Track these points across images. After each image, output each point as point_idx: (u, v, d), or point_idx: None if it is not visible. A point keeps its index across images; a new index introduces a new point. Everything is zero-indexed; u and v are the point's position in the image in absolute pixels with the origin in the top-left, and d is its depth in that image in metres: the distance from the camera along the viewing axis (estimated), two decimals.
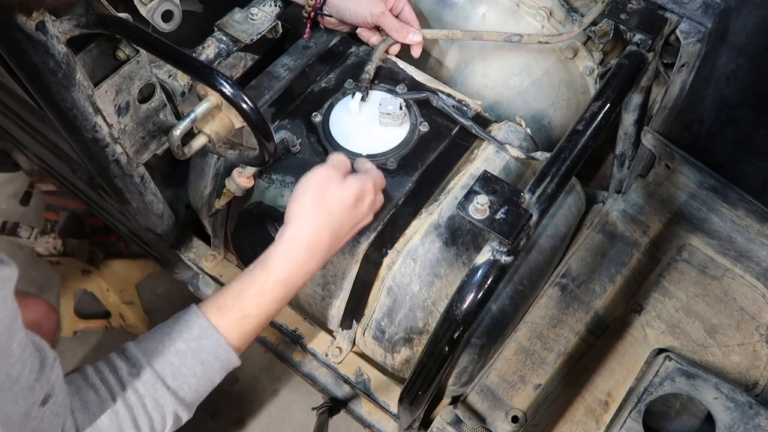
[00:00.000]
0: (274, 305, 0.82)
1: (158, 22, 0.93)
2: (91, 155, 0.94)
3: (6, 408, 0.55)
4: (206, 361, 0.77)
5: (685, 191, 1.29)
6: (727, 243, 1.27)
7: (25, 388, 0.57)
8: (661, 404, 1.12)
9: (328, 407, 1.25)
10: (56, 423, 0.63)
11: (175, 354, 0.76)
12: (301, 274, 0.84)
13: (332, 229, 0.86)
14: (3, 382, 0.54)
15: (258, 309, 0.81)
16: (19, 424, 0.57)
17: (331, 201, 0.86)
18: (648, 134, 1.20)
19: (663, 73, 1.21)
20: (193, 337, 0.77)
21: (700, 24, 1.02)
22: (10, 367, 0.55)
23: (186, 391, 0.76)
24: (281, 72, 1.20)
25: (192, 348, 0.77)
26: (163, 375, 0.75)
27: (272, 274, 0.82)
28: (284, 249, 0.83)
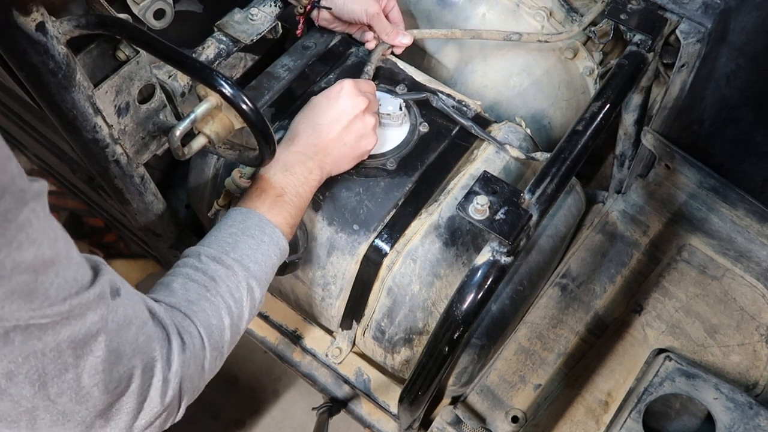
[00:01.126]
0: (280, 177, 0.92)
1: (150, 20, 0.95)
2: (91, 156, 0.94)
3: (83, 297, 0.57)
4: (255, 235, 0.85)
5: (685, 191, 1.29)
6: (727, 243, 1.27)
7: (90, 284, 0.59)
8: (661, 404, 1.12)
9: (328, 407, 1.25)
10: (139, 308, 0.66)
11: (228, 236, 0.84)
12: (290, 152, 0.95)
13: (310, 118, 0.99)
14: (70, 285, 0.56)
15: (266, 182, 0.92)
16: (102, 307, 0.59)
17: (309, 104, 1.01)
18: (648, 134, 1.20)
19: (663, 73, 1.21)
20: (237, 221, 0.86)
21: (700, 24, 1.02)
22: (75, 271, 0.57)
23: (248, 261, 0.83)
24: (281, 72, 1.20)
25: (240, 229, 0.85)
26: (225, 251, 0.82)
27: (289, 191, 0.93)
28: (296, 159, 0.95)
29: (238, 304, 0.80)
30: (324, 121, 0.98)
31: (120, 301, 0.63)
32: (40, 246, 0.53)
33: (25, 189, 0.52)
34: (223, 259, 0.81)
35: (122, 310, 0.63)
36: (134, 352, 0.63)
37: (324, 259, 1.04)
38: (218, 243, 0.83)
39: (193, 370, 0.71)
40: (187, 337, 0.71)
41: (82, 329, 0.57)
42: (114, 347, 0.60)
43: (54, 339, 0.55)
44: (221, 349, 0.78)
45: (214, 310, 0.77)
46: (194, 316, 0.74)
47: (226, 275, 0.80)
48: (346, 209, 1.03)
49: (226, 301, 0.78)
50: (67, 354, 0.56)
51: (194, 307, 0.75)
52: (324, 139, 0.97)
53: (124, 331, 0.62)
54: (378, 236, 1.01)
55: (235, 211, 0.89)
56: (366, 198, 1.04)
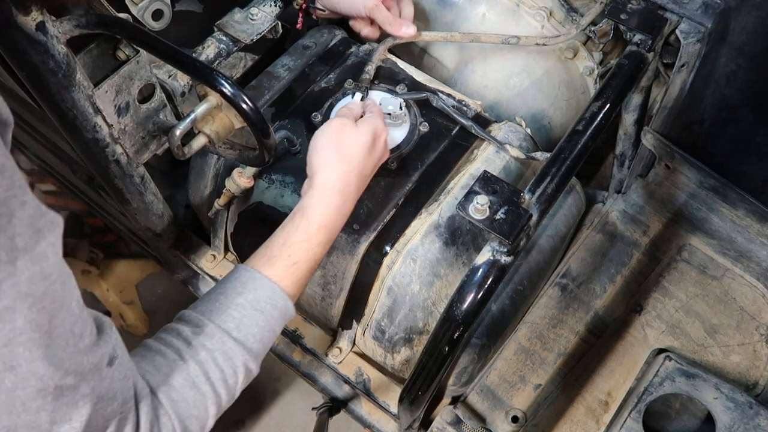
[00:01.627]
0: (320, 249, 0.85)
1: (149, 21, 0.95)
2: (91, 155, 0.94)
3: (78, 360, 0.54)
4: (265, 310, 0.78)
5: (685, 191, 1.29)
6: (727, 243, 1.27)
7: (90, 346, 0.56)
8: (661, 404, 1.12)
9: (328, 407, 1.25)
10: (126, 384, 0.62)
11: (234, 308, 0.76)
12: (339, 216, 0.87)
13: (357, 171, 0.89)
14: (67, 339, 0.53)
15: (306, 254, 0.83)
16: (95, 378, 0.56)
17: (350, 146, 0.89)
18: (648, 134, 1.20)
19: (663, 73, 1.21)
20: (248, 289, 0.78)
21: (700, 24, 1.02)
22: (72, 324, 0.54)
23: (252, 341, 0.75)
24: (281, 72, 1.20)
25: (249, 300, 0.77)
26: (227, 329, 0.74)
27: (313, 220, 0.84)
28: (319, 196, 0.86)
29: (230, 390, 0.74)
30: (369, 172, 0.93)
31: (112, 371, 0.60)
32: (53, 284, 0.50)
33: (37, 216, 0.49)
34: (223, 339, 0.74)
35: (109, 382, 0.59)
36: (105, 430, 0.60)
37: (324, 259, 1.03)
38: (222, 316, 0.75)
39: None
40: (156, 431, 0.66)
41: (71, 400, 0.54)
42: (92, 419, 0.57)
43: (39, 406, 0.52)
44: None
45: (199, 400, 0.71)
46: (172, 407, 0.68)
47: (223, 359, 0.73)
48: None
49: (217, 390, 0.72)
50: (45, 422, 0.53)
51: (175, 395, 0.69)
52: (361, 192, 0.92)
53: (104, 404, 0.59)
54: (378, 236, 1.01)
55: (246, 274, 0.80)
56: (366, 197, 1.04)
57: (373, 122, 0.94)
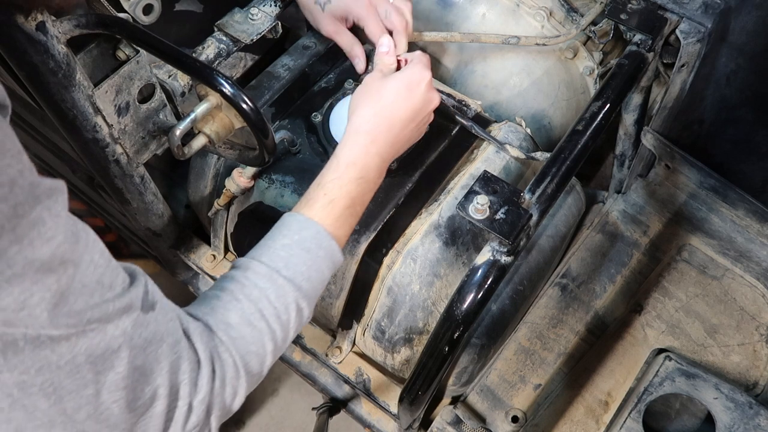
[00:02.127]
0: (354, 186, 0.86)
1: (140, 16, 0.96)
2: (91, 155, 0.94)
3: (104, 309, 0.54)
4: (311, 249, 0.79)
5: (685, 191, 1.29)
6: (727, 243, 1.27)
7: (120, 293, 0.56)
8: (661, 404, 1.12)
9: (328, 407, 1.25)
10: (173, 326, 0.62)
11: (281, 248, 0.78)
12: (368, 154, 0.88)
13: (386, 114, 0.90)
14: (92, 291, 0.53)
15: (340, 190, 0.84)
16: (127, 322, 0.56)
17: (379, 91, 0.91)
18: (648, 134, 1.20)
19: (663, 73, 1.21)
20: (292, 231, 0.80)
21: (700, 24, 1.01)
22: (100, 274, 0.54)
23: (300, 279, 0.77)
24: (281, 72, 1.20)
25: (295, 240, 0.79)
26: (276, 267, 0.76)
27: (342, 159, 0.87)
28: (347, 138, 0.89)
29: (284, 327, 0.75)
30: (403, 116, 0.91)
31: (153, 315, 0.60)
32: (59, 245, 0.50)
33: (36, 184, 0.49)
34: (273, 277, 0.75)
35: (154, 325, 0.59)
36: (161, 372, 0.60)
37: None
38: (270, 256, 0.77)
39: (225, 397, 0.68)
40: (219, 366, 0.67)
41: (102, 343, 0.54)
42: (139, 364, 0.57)
43: (69, 351, 0.52)
44: (260, 374, 0.74)
45: (256, 337, 0.72)
46: (231, 343, 0.69)
47: (275, 296, 0.74)
48: None
49: (272, 326, 0.73)
50: (85, 369, 0.53)
51: (232, 332, 0.70)
52: (404, 137, 0.93)
53: (153, 347, 0.59)
54: (378, 236, 1.01)
55: (291, 218, 0.82)
56: None
57: (409, 71, 0.94)
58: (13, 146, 0.49)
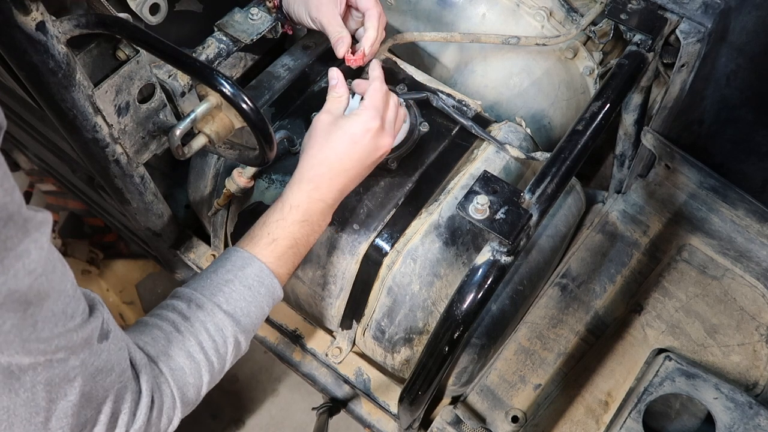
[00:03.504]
0: (297, 227, 0.88)
1: (146, 15, 0.97)
2: (91, 155, 0.94)
3: (68, 338, 0.57)
4: (252, 286, 0.83)
5: (685, 191, 1.29)
6: (727, 243, 1.27)
7: (81, 324, 0.58)
8: (661, 404, 1.12)
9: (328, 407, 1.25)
10: (122, 356, 0.65)
11: (224, 284, 0.81)
12: (312, 200, 0.90)
13: (334, 163, 0.91)
14: (57, 320, 0.55)
15: (283, 231, 0.87)
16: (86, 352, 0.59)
17: (331, 141, 0.91)
18: (648, 134, 1.20)
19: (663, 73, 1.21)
20: (236, 267, 0.83)
21: (700, 24, 1.01)
22: (64, 305, 0.56)
23: (240, 314, 0.80)
24: (281, 72, 1.20)
25: (238, 277, 0.82)
26: (218, 302, 0.80)
27: (286, 202, 0.89)
28: (293, 182, 0.91)
29: (221, 360, 0.79)
30: (348, 166, 0.91)
31: (106, 345, 0.63)
32: (37, 278, 0.52)
33: (29, 219, 0.52)
34: (214, 311, 0.79)
35: (106, 354, 0.62)
36: (105, 400, 0.63)
37: (324, 259, 1.04)
38: (212, 290, 0.81)
39: (160, 427, 0.71)
40: (158, 397, 0.71)
41: (61, 373, 0.57)
42: (87, 391, 0.60)
43: (31, 381, 0.54)
44: (195, 402, 0.78)
45: (195, 369, 0.76)
46: (171, 375, 0.73)
47: (214, 330, 0.78)
48: (346, 209, 1.03)
49: (210, 359, 0.77)
50: (40, 397, 0.56)
51: (172, 363, 0.74)
52: (347, 183, 0.92)
53: (102, 376, 0.62)
54: (378, 236, 1.01)
55: (235, 253, 0.85)
56: (366, 197, 1.04)
57: (357, 121, 0.92)
58: (7, 179, 0.50)
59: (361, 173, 0.94)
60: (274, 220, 0.88)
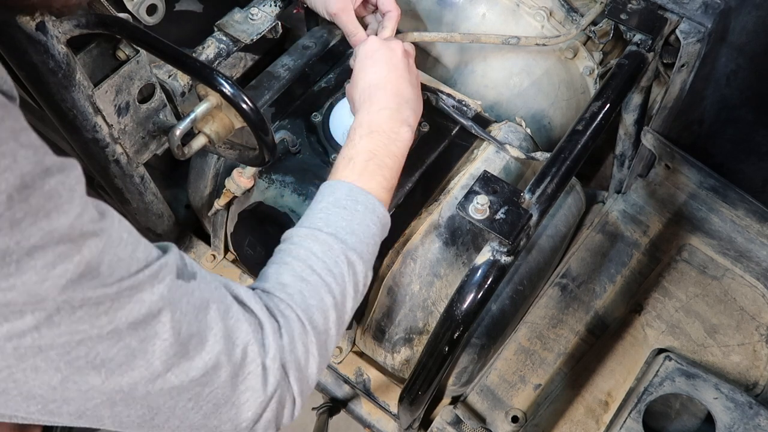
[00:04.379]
0: (367, 141, 0.88)
1: (143, 16, 0.97)
2: (91, 155, 0.94)
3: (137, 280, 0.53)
4: (347, 206, 0.81)
5: (685, 191, 1.29)
6: (727, 243, 1.27)
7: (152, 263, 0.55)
8: (661, 404, 1.12)
9: (328, 407, 1.25)
10: (220, 294, 0.62)
11: (318, 211, 0.80)
12: (372, 112, 0.91)
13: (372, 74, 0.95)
14: (123, 263, 0.52)
15: (354, 149, 0.87)
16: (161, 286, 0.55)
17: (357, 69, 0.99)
18: (648, 134, 1.20)
19: (663, 73, 1.21)
20: (325, 195, 0.83)
21: (700, 24, 1.01)
22: (130, 251, 0.53)
23: (343, 233, 0.78)
24: (281, 72, 1.20)
25: (330, 202, 0.81)
26: (317, 227, 0.78)
27: (350, 128, 0.92)
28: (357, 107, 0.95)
29: (339, 280, 0.74)
30: (386, 72, 0.95)
31: (195, 283, 0.59)
32: (78, 218, 0.49)
33: (41, 159, 0.49)
34: (316, 235, 0.76)
35: (198, 293, 0.59)
36: (218, 338, 0.58)
37: None
38: (310, 221, 0.79)
39: (298, 355, 0.66)
40: (283, 320, 0.67)
41: (142, 310, 0.52)
42: (187, 331, 0.56)
43: (109, 321, 0.50)
44: (327, 330, 0.72)
45: (312, 290, 0.72)
46: (290, 299, 0.70)
47: (321, 252, 0.75)
48: None
49: (325, 279, 0.73)
50: (129, 338, 0.52)
51: (289, 289, 0.71)
52: (400, 87, 0.94)
53: (202, 314, 0.58)
54: None
55: (323, 185, 0.85)
56: None
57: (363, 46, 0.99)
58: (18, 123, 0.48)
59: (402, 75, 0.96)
60: (345, 148, 0.89)
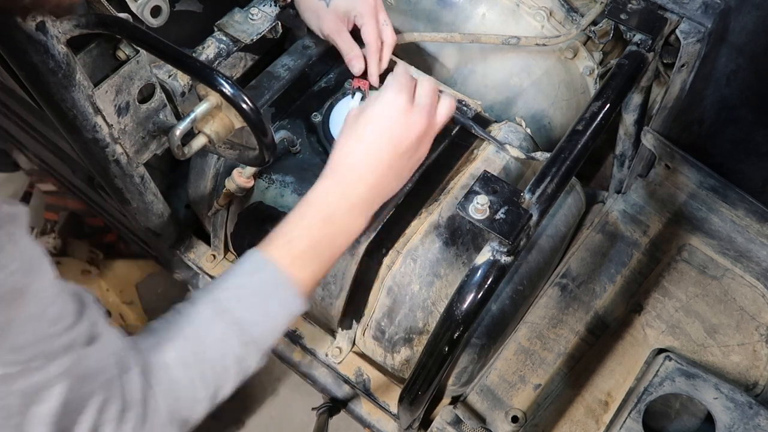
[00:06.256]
0: (316, 227, 0.81)
1: (147, 17, 0.95)
2: (91, 155, 0.94)
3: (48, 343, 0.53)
4: (265, 293, 0.76)
5: (685, 191, 1.29)
6: (727, 243, 1.27)
7: (66, 327, 0.55)
8: (661, 404, 1.12)
9: (328, 407, 1.25)
10: (110, 362, 0.61)
11: (236, 287, 0.76)
12: (335, 196, 0.83)
13: (363, 153, 0.83)
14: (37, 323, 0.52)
15: (300, 231, 0.80)
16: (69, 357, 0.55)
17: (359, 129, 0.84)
18: (648, 134, 1.20)
19: (663, 73, 1.21)
20: (248, 268, 0.77)
21: (700, 24, 1.02)
22: (45, 306, 0.53)
23: (249, 324, 0.73)
24: (281, 72, 1.20)
25: (250, 282, 0.76)
26: (225, 306, 0.73)
27: (306, 198, 0.83)
28: (319, 178, 0.84)
29: (222, 375, 0.72)
30: (376, 154, 0.83)
31: (94, 349, 0.58)
32: (12, 273, 0.49)
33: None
34: (221, 316, 0.72)
35: (94, 360, 0.58)
36: (90, 410, 0.58)
37: None
38: (223, 293, 0.75)
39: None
40: (150, 411, 0.65)
41: (40, 381, 0.52)
42: (70, 398, 0.55)
43: (5, 392, 0.51)
44: (189, 421, 0.71)
45: (189, 383, 0.70)
46: (164, 388, 0.67)
47: (216, 338, 0.71)
48: None
49: (205, 373, 0.71)
50: (16, 405, 0.52)
51: (168, 373, 0.68)
52: (380, 178, 0.84)
53: (87, 383, 0.57)
54: (378, 236, 1.01)
55: (251, 252, 0.79)
56: None
57: (380, 99, 0.84)
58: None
59: (395, 164, 0.84)
60: (292, 219, 0.82)
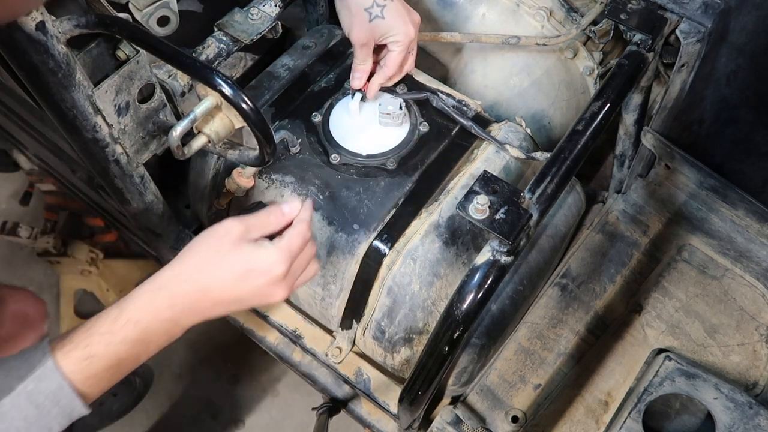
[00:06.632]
0: (126, 347, 0.72)
1: (154, 27, 0.92)
2: (91, 155, 0.94)
3: None
4: (42, 405, 0.67)
5: (685, 191, 1.29)
6: (727, 243, 1.27)
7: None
8: (661, 404, 1.12)
9: (328, 407, 1.25)
10: None
11: (15, 393, 0.67)
12: (162, 318, 0.73)
13: (207, 286, 0.76)
14: None
15: (105, 349, 0.71)
16: None
17: (224, 261, 0.76)
18: (648, 134, 1.20)
19: (663, 73, 1.21)
20: (32, 377, 0.68)
21: (700, 24, 1.02)
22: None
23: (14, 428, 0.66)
24: (281, 72, 1.20)
25: (29, 389, 0.67)
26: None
27: (126, 310, 0.73)
28: (147, 284, 0.75)
29: None
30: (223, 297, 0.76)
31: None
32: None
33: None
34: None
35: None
36: None
37: (324, 259, 1.04)
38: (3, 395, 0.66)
39: None
40: None
41: None
42: None
43: None
44: None
45: None
46: None
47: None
48: (346, 209, 1.03)
49: None
50: None
51: None
52: (213, 313, 0.77)
53: None
54: (378, 236, 1.01)
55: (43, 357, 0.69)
56: (366, 197, 1.04)
57: (266, 256, 0.77)
58: None
59: (233, 310, 0.79)
60: (100, 330, 0.71)
